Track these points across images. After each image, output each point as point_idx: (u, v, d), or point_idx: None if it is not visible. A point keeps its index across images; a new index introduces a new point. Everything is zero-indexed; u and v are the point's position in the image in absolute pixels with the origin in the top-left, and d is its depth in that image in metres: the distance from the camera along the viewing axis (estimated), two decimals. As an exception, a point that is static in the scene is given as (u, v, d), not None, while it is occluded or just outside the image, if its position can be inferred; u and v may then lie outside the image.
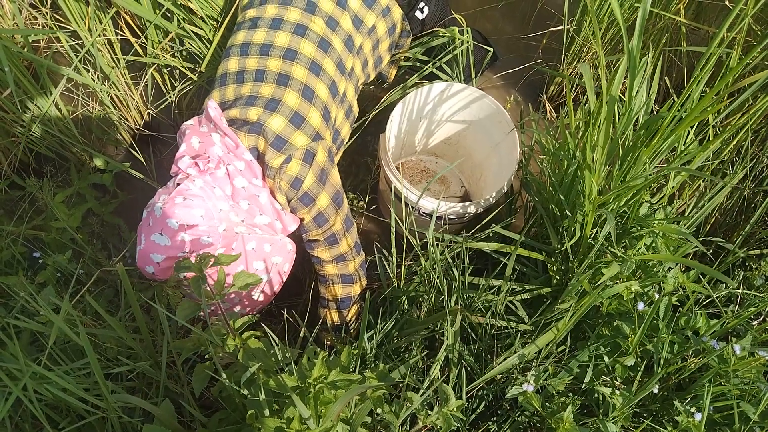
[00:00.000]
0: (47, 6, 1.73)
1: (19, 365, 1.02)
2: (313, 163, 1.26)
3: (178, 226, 1.10)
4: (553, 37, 2.03)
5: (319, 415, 0.95)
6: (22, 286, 1.32)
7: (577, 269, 1.27)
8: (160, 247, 1.11)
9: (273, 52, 1.30)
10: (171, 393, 1.23)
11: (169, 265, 1.12)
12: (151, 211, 1.13)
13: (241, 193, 1.21)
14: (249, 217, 1.23)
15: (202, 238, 1.12)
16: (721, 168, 1.63)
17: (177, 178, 1.19)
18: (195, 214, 1.12)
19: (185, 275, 1.09)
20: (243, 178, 1.21)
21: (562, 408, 1.14)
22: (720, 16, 1.80)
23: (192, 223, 1.12)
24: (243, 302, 1.31)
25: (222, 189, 1.18)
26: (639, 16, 1.06)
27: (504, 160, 1.66)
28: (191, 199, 1.13)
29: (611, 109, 1.13)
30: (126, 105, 1.85)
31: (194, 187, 1.15)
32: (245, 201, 1.22)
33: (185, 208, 1.12)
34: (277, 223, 1.29)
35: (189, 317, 1.06)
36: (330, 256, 1.39)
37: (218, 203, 1.17)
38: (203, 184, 1.16)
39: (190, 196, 1.13)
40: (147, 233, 1.12)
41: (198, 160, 1.19)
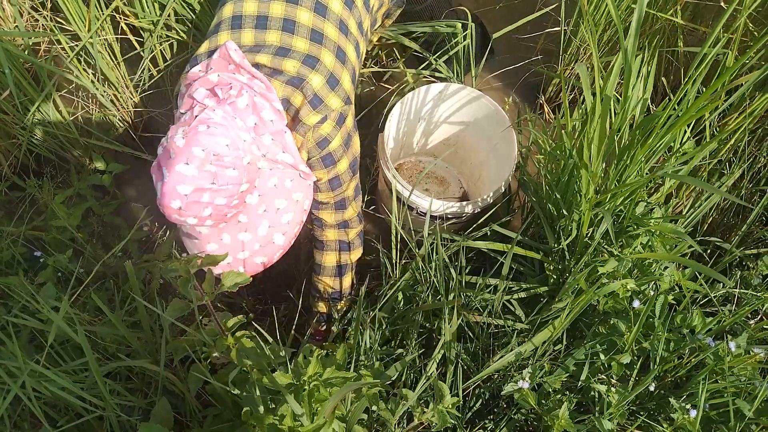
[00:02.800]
0: (48, 9, 1.74)
1: (18, 363, 1.02)
2: (342, 127, 1.24)
3: (204, 155, 1.03)
4: (551, 38, 2.03)
5: (313, 413, 0.96)
6: (22, 286, 1.33)
7: (574, 268, 1.28)
8: (187, 178, 1.03)
9: (302, 2, 1.23)
10: (170, 391, 1.23)
11: (196, 199, 1.04)
12: (170, 144, 1.05)
13: (268, 126, 1.15)
14: (271, 153, 1.17)
15: (228, 170, 1.06)
16: (718, 168, 1.63)
17: (194, 111, 1.12)
18: (220, 142, 1.05)
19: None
20: (272, 111, 1.16)
21: (558, 405, 1.14)
22: (717, 16, 1.80)
23: (217, 153, 1.05)
24: (264, 249, 1.24)
25: (243, 120, 1.11)
26: (635, 17, 1.06)
27: (502, 160, 1.67)
28: (215, 128, 1.06)
29: (606, 108, 1.14)
30: (126, 106, 1.86)
31: (215, 116, 1.08)
32: (269, 135, 1.16)
33: (210, 136, 1.05)
34: (300, 165, 1.22)
35: (178, 316, 1.07)
36: (334, 220, 1.38)
37: (240, 134, 1.10)
38: (224, 113, 1.09)
39: (213, 124, 1.07)
40: (170, 165, 1.03)
41: (217, 88, 1.12)
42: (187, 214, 1.05)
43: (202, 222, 1.08)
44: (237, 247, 1.19)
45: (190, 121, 1.07)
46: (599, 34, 1.78)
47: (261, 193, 1.16)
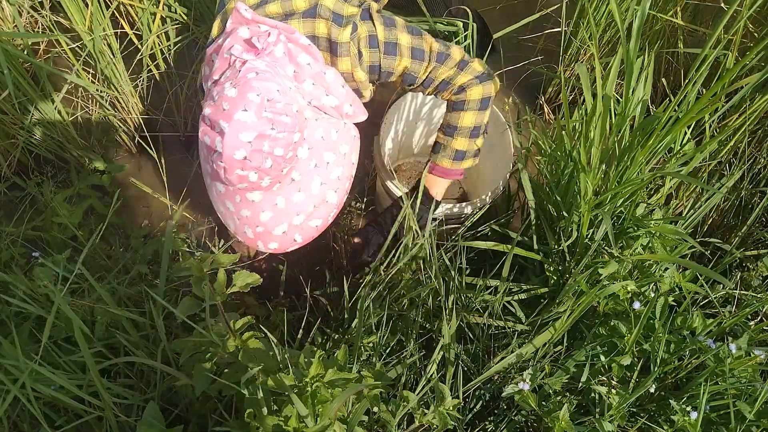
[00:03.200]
0: (47, 8, 1.74)
1: (17, 363, 1.02)
2: (373, 16, 1.21)
3: (260, 100, 1.01)
4: (551, 39, 2.03)
5: (316, 414, 0.96)
6: (21, 281, 1.32)
7: (574, 269, 1.28)
8: (248, 124, 0.99)
9: None
10: (172, 389, 1.23)
11: (258, 147, 1.01)
12: (221, 95, 1.02)
13: (306, 70, 1.12)
14: (315, 98, 1.14)
15: (282, 116, 1.03)
16: (719, 169, 1.63)
17: (235, 66, 1.08)
18: (271, 88, 1.03)
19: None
20: (306, 54, 1.13)
21: (559, 407, 1.14)
22: (717, 18, 1.80)
23: (271, 98, 1.02)
24: (318, 210, 1.19)
25: (283, 69, 1.09)
26: (637, 18, 1.07)
27: (499, 161, 1.67)
28: (263, 74, 1.04)
29: (606, 109, 1.14)
30: (126, 107, 1.86)
31: (260, 64, 1.05)
32: (309, 80, 1.13)
33: (262, 81, 1.02)
34: (347, 106, 1.18)
35: (189, 313, 1.07)
36: (453, 70, 1.27)
37: (285, 82, 1.07)
38: (267, 62, 1.06)
39: (260, 71, 1.04)
40: (228, 116, 1.00)
41: (253, 39, 1.09)
42: (251, 166, 1.01)
43: (262, 177, 1.05)
44: (292, 211, 1.15)
45: (235, 75, 1.05)
46: (599, 34, 1.78)
47: (310, 146, 1.13)
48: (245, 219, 1.15)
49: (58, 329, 1.22)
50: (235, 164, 1.01)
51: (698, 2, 1.75)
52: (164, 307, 1.29)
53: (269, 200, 1.12)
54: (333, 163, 1.17)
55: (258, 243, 1.18)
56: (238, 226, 1.18)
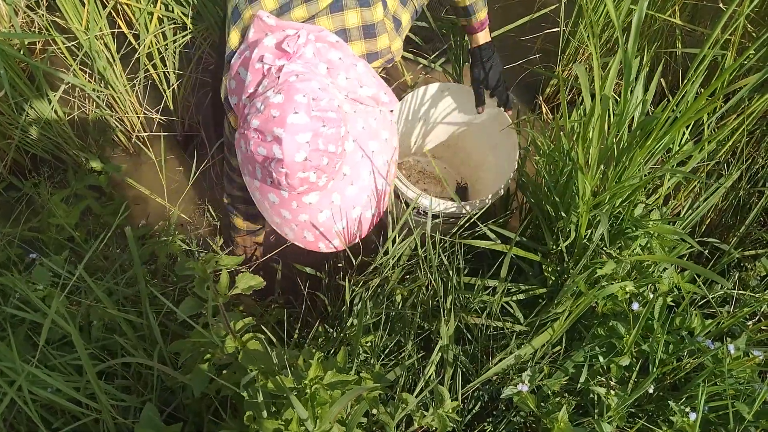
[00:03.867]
0: (43, 8, 1.73)
1: (14, 365, 1.02)
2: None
3: (307, 100, 1.02)
4: (549, 38, 2.03)
5: (316, 416, 0.95)
6: (17, 282, 1.31)
7: (573, 270, 1.28)
8: (302, 125, 1.01)
9: None
10: (168, 389, 1.23)
11: (315, 146, 1.02)
12: (267, 104, 1.03)
13: (338, 65, 1.13)
14: (351, 91, 1.15)
15: (328, 113, 1.04)
16: (717, 169, 1.63)
17: (272, 72, 1.09)
18: (314, 87, 1.04)
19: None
20: (335, 50, 1.14)
21: (558, 408, 1.14)
22: (715, 18, 1.80)
23: (316, 96, 1.04)
24: (371, 200, 1.21)
25: (316, 68, 1.11)
26: (635, 19, 1.06)
27: (502, 161, 1.66)
28: (303, 75, 1.05)
29: (605, 109, 1.14)
30: (123, 107, 1.85)
31: (296, 66, 1.07)
32: (343, 74, 1.14)
33: (304, 82, 1.03)
34: (382, 94, 1.19)
35: (191, 314, 1.07)
36: None
37: (322, 79, 1.09)
38: (302, 63, 1.08)
39: (299, 73, 1.05)
40: (280, 122, 1.01)
41: (283, 44, 1.10)
42: (311, 166, 1.03)
43: (320, 176, 1.07)
44: (348, 205, 1.17)
45: (274, 82, 1.06)
46: (598, 34, 1.78)
47: (354, 138, 1.14)
48: (303, 224, 1.17)
49: (55, 331, 1.22)
50: (296, 167, 1.03)
51: (696, 2, 1.75)
52: (163, 306, 1.29)
53: (326, 199, 1.14)
54: (378, 150, 1.19)
55: (320, 244, 1.21)
56: (297, 233, 1.20)
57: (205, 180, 1.96)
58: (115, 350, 1.28)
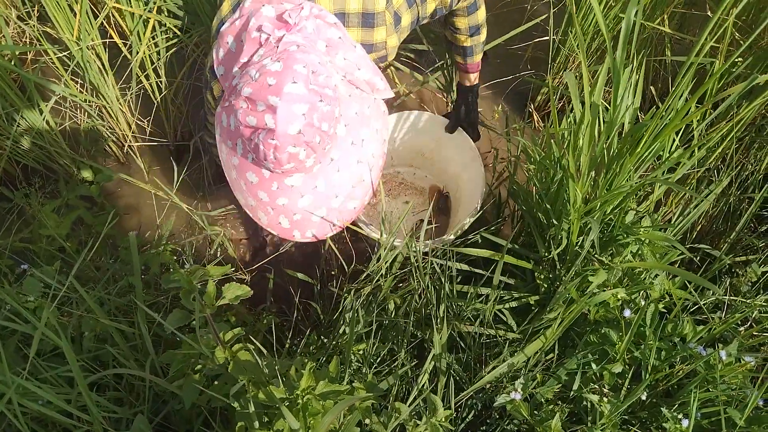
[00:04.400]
0: (34, 18, 1.73)
1: (4, 378, 1.01)
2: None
3: (306, 72, 0.97)
4: (540, 47, 2.04)
5: (308, 427, 0.95)
6: (8, 292, 1.31)
7: (565, 277, 1.28)
8: (300, 96, 0.96)
9: None
10: (159, 397, 1.22)
11: (310, 120, 0.97)
12: (263, 72, 0.98)
13: (337, 45, 1.09)
14: (348, 73, 1.10)
15: (326, 89, 1.00)
16: (707, 176, 1.64)
17: (270, 42, 1.04)
18: (313, 60, 1.00)
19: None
20: (335, 30, 1.09)
21: (551, 416, 1.14)
22: (703, 26, 1.82)
23: (315, 70, 0.99)
24: (355, 191, 1.16)
25: (314, 44, 1.06)
26: (623, 28, 1.07)
27: (473, 183, 1.69)
28: (304, 47, 1.01)
29: (594, 117, 1.14)
30: (114, 117, 1.85)
31: (297, 38, 1.02)
32: (341, 54, 1.10)
33: (304, 54, 0.99)
34: (378, 80, 1.15)
35: (178, 325, 1.06)
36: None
37: (321, 56, 1.04)
38: (303, 35, 1.03)
39: (300, 44, 1.01)
40: (276, 90, 0.96)
41: (284, 15, 1.05)
42: (303, 141, 0.98)
43: (310, 155, 1.01)
44: (331, 193, 1.11)
45: (273, 51, 1.01)
46: (587, 42, 1.79)
47: (346, 122, 1.09)
48: (281, 208, 1.11)
49: (46, 342, 1.21)
50: (288, 140, 0.97)
51: (685, 11, 1.77)
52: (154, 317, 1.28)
53: (309, 184, 1.09)
54: (368, 140, 1.14)
55: (294, 232, 1.14)
56: (272, 217, 1.13)
57: (199, 189, 1.95)
58: (106, 361, 1.27)
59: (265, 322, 1.54)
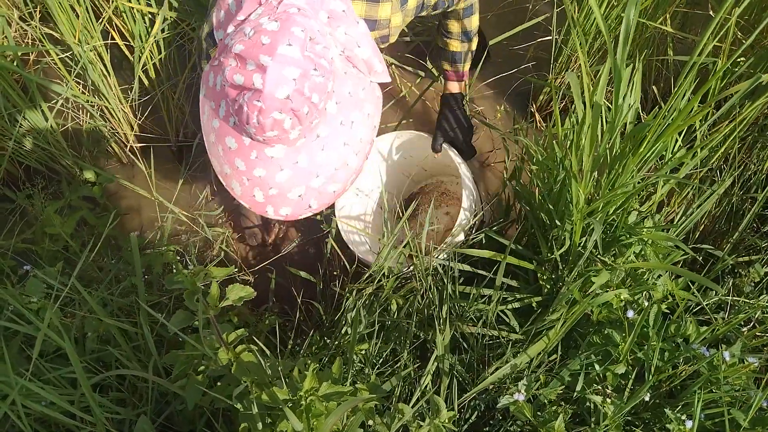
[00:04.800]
0: (37, 19, 1.73)
1: (7, 379, 1.01)
2: None
3: (303, 36, 0.93)
4: (542, 47, 2.04)
5: (311, 428, 0.95)
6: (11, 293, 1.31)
7: (567, 278, 1.28)
8: (294, 60, 0.91)
9: None
10: (162, 397, 1.22)
11: (301, 87, 0.92)
12: (258, 30, 0.93)
13: (340, 17, 1.05)
14: (347, 48, 1.06)
15: (321, 59, 0.95)
16: (710, 176, 1.64)
17: (269, 3, 0.99)
18: (313, 26, 0.95)
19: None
20: (340, 1, 1.05)
21: (554, 417, 1.14)
22: (706, 25, 1.82)
23: (313, 36, 0.95)
24: (338, 173, 1.10)
25: (317, 13, 1.02)
26: (623, 28, 1.07)
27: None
28: (305, 11, 0.96)
29: (596, 117, 1.14)
30: (116, 117, 1.85)
31: (300, 1, 0.98)
32: (342, 28, 1.05)
33: (305, 18, 0.95)
34: (377, 61, 1.11)
35: (182, 326, 1.06)
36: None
37: (321, 25, 1.00)
38: (306, 1, 0.99)
39: (301, 8, 0.97)
40: (269, 50, 0.91)
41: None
42: (290, 108, 0.92)
43: (294, 126, 0.96)
44: (312, 171, 1.05)
45: (272, 11, 0.96)
46: (590, 42, 1.79)
47: (338, 100, 1.04)
48: (257, 180, 1.05)
49: (49, 343, 1.21)
50: (274, 104, 0.92)
51: (687, 10, 1.76)
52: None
53: (290, 157, 1.03)
54: (358, 123, 1.08)
55: (268, 208, 1.09)
56: (246, 189, 1.07)
57: (201, 189, 1.95)
58: (109, 362, 1.27)
59: (267, 322, 1.55)
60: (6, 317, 1.17)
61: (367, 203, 1.80)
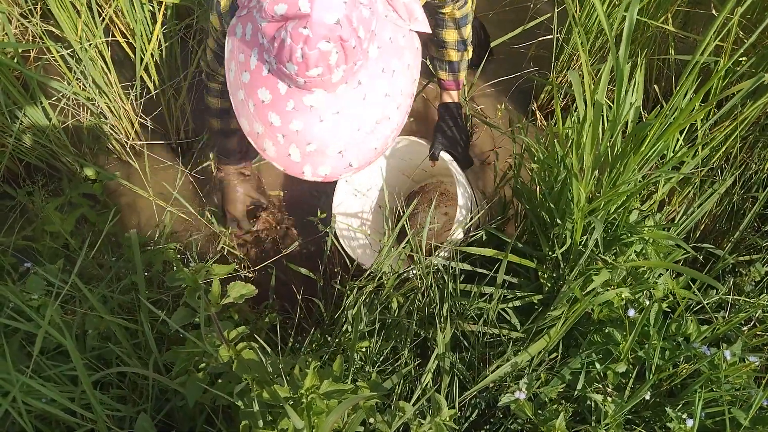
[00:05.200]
0: (38, 16, 1.73)
1: (8, 376, 1.01)
2: None
3: None
4: (543, 45, 2.04)
5: (312, 426, 0.95)
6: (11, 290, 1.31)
7: (568, 276, 1.28)
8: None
9: None
10: (162, 393, 1.22)
11: (350, 15, 0.86)
12: None
13: None
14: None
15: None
16: (711, 175, 1.64)
17: None
18: None
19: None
20: None
21: (555, 415, 1.14)
22: (708, 24, 1.82)
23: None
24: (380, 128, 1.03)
25: None
26: (626, 25, 1.07)
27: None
28: None
29: (598, 115, 1.14)
30: (117, 115, 1.84)
31: None
32: None
33: None
34: (417, 8, 1.04)
35: (183, 324, 1.06)
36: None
37: None
38: None
39: None
40: None
41: None
42: (337, 37, 0.86)
43: (339, 64, 0.90)
44: (353, 123, 0.99)
45: None
46: (591, 41, 1.79)
47: (379, 45, 0.98)
48: (293, 135, 0.98)
49: (50, 340, 1.21)
50: (323, 30, 0.85)
51: (689, 9, 1.76)
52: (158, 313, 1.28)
53: (330, 106, 0.96)
54: (399, 73, 1.01)
55: (305, 168, 1.01)
56: (282, 148, 1.00)
57: (202, 186, 1.95)
58: (110, 359, 1.27)
59: (268, 320, 1.54)
60: (6, 314, 1.17)
61: (365, 203, 1.80)
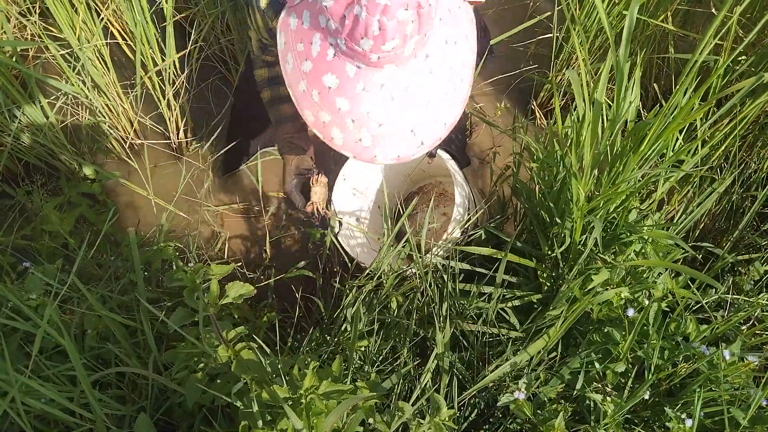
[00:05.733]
0: (36, 14, 1.72)
1: (7, 376, 1.01)
2: None
3: None
4: (543, 44, 2.04)
5: (311, 426, 0.95)
6: (10, 289, 1.31)
7: (568, 276, 1.28)
8: None
9: None
10: (161, 392, 1.22)
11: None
12: None
13: None
14: None
15: None
16: (710, 174, 1.64)
17: None
18: None
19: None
20: None
21: (554, 415, 1.14)
22: (707, 23, 1.81)
23: None
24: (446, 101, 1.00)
25: None
26: (626, 24, 1.07)
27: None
28: None
29: (597, 114, 1.14)
30: (116, 114, 1.84)
31: None
32: None
33: None
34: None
35: (182, 324, 1.06)
36: None
37: None
38: None
39: None
40: None
41: None
42: (415, 4, 0.85)
43: (414, 34, 0.88)
44: (422, 99, 0.96)
45: None
46: (591, 40, 1.79)
47: (441, 16, 0.95)
48: (363, 118, 0.95)
49: (48, 340, 1.21)
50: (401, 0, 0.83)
51: (689, 8, 1.76)
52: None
53: (400, 82, 0.94)
54: (459, 44, 0.98)
55: (376, 152, 0.98)
56: (351, 133, 0.97)
57: (200, 186, 1.95)
58: (108, 359, 1.27)
59: (267, 319, 1.54)
60: (5, 314, 1.17)
61: (364, 202, 1.80)
